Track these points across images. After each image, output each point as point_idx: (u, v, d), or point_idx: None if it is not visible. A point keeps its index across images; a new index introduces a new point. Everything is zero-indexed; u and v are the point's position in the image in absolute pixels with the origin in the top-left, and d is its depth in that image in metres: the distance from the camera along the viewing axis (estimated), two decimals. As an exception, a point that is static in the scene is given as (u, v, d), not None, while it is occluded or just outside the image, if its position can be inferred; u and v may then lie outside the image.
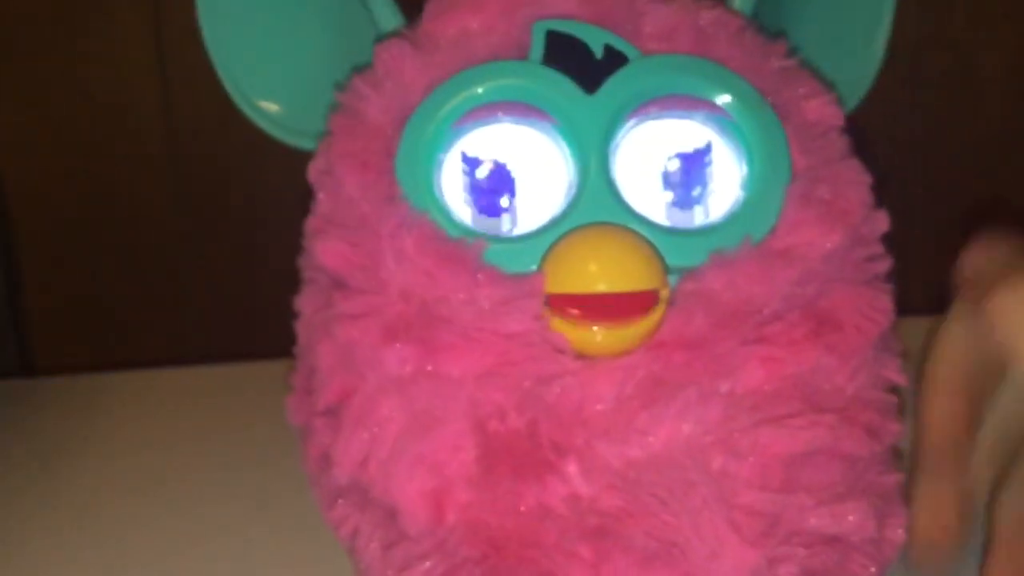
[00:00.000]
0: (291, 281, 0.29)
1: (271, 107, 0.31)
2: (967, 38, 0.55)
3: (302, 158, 0.29)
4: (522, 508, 0.24)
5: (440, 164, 0.26)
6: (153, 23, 0.52)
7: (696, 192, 0.27)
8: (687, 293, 0.25)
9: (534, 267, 0.25)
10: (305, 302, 0.28)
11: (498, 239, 0.25)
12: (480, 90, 0.26)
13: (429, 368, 0.25)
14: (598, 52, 0.26)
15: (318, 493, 0.28)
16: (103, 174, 0.54)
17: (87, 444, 0.42)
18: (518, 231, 0.26)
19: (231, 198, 0.54)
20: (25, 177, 0.54)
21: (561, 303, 0.25)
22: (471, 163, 0.27)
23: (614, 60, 0.26)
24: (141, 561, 0.35)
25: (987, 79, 0.55)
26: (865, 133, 0.29)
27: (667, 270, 0.25)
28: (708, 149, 0.27)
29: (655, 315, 0.24)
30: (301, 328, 0.29)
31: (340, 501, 0.27)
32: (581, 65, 0.26)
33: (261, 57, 0.31)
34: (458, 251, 0.25)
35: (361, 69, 0.28)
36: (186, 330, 0.56)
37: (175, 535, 0.36)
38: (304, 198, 0.29)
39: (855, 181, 0.27)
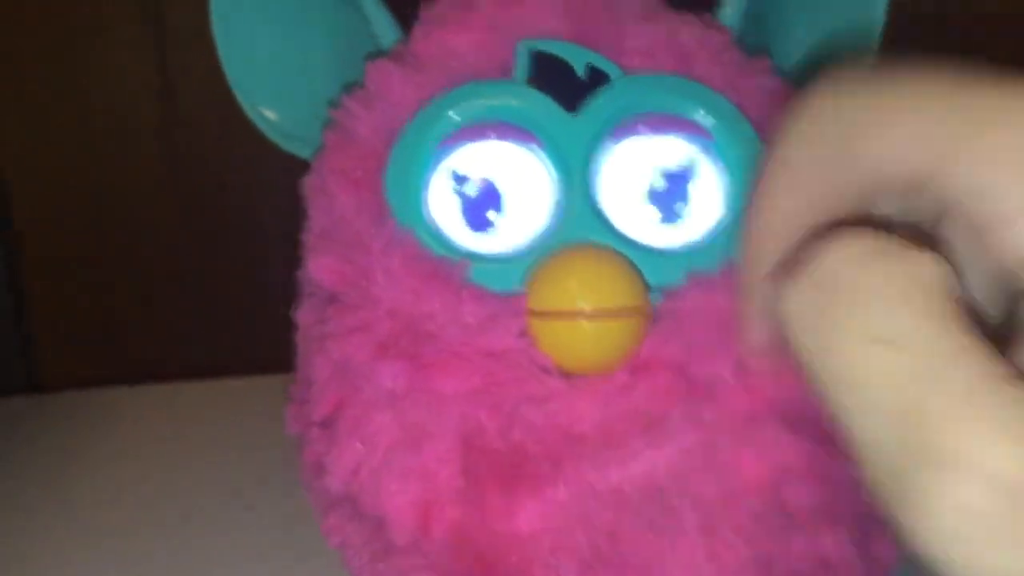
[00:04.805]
0: (297, 294, 0.29)
1: (274, 114, 0.32)
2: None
3: (301, 172, 0.30)
4: (508, 526, 0.24)
5: (427, 183, 0.27)
6: (155, 41, 0.52)
7: (680, 210, 0.27)
8: (665, 312, 0.25)
9: (518, 285, 0.25)
10: (303, 315, 0.29)
11: (482, 258, 0.26)
12: (463, 111, 0.27)
13: (420, 384, 0.25)
14: (580, 71, 0.27)
15: (312, 501, 0.29)
16: (108, 192, 0.54)
17: (94, 459, 0.42)
18: (504, 249, 0.26)
19: (233, 213, 0.55)
20: (30, 195, 0.54)
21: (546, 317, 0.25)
22: (460, 180, 0.27)
23: (596, 79, 0.27)
24: (149, 576, 0.35)
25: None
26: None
27: (648, 289, 0.25)
28: (690, 166, 0.27)
29: (639, 321, 0.25)
30: (300, 341, 0.29)
31: (332, 511, 0.28)
32: (563, 84, 0.27)
33: (268, 66, 0.32)
34: (443, 270, 0.25)
35: (352, 87, 0.29)
36: (192, 345, 0.57)
37: (184, 550, 0.36)
38: (305, 212, 0.29)
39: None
